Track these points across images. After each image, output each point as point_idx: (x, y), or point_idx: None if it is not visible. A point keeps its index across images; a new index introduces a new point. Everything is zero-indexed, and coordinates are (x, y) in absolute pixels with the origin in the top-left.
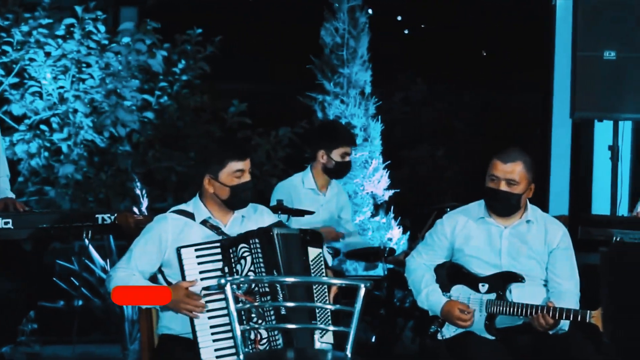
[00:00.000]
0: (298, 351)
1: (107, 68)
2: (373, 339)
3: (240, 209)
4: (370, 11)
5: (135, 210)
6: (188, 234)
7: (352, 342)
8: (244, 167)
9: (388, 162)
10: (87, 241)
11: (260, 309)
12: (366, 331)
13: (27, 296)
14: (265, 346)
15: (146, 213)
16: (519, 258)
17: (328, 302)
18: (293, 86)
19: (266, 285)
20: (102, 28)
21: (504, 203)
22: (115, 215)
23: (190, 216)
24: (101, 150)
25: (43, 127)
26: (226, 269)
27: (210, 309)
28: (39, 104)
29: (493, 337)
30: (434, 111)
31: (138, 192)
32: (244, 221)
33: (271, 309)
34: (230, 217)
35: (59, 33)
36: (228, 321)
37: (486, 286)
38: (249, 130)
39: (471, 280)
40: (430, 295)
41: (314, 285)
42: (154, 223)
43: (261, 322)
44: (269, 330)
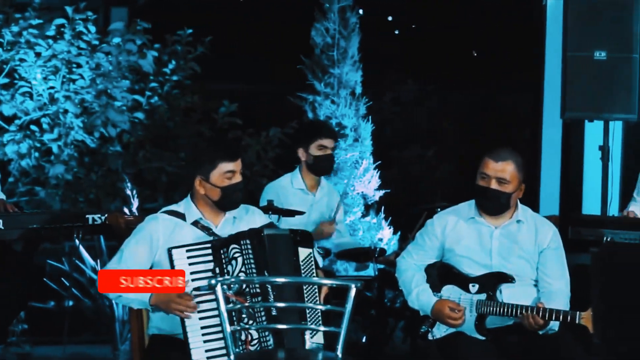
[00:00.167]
0: (289, 351)
1: (98, 68)
2: (364, 340)
3: (231, 210)
4: (360, 11)
5: (125, 210)
6: (179, 235)
7: (343, 343)
8: (235, 168)
9: (378, 163)
10: (78, 241)
11: (251, 310)
12: (357, 331)
13: (18, 297)
14: (256, 347)
15: (137, 213)
16: (510, 258)
17: (319, 303)
18: (283, 86)
19: (257, 285)
20: (93, 28)
21: (494, 201)
22: (105, 215)
23: (181, 217)
24: (91, 150)
25: (33, 128)
26: (217, 270)
27: (201, 310)
28: (29, 105)
29: (483, 338)
30: (425, 111)
31: (128, 193)
32: (236, 222)
33: (262, 310)
34: (221, 218)
35: (50, 33)
36: (219, 322)
37: (476, 286)
38: (240, 130)
39: (461, 280)
40: (420, 295)
41: (305, 285)
42: (145, 223)
43: (252, 323)
44: (260, 330)
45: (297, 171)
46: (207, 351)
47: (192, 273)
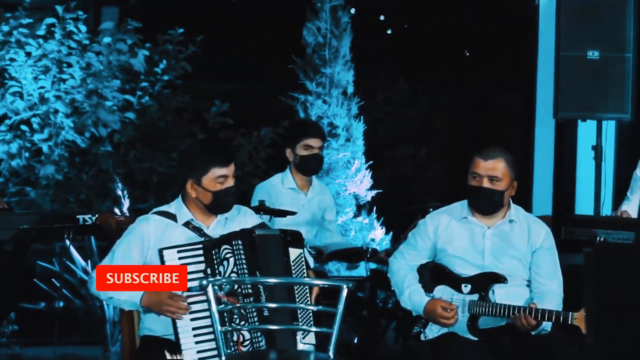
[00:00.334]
0: (280, 352)
1: (88, 68)
2: (356, 340)
3: (223, 213)
4: (352, 11)
5: (116, 210)
6: (170, 236)
7: (335, 343)
8: (228, 173)
9: (370, 162)
10: (68, 242)
11: (242, 310)
12: (349, 332)
13: (8, 297)
14: (247, 347)
15: (127, 214)
16: (502, 258)
17: (310, 303)
18: (275, 86)
19: (249, 286)
20: (83, 28)
21: (487, 200)
22: (96, 215)
23: (172, 218)
24: (82, 150)
25: (24, 128)
26: (209, 271)
27: (192, 311)
28: (20, 104)
29: (476, 338)
30: (417, 111)
31: (119, 193)
32: (227, 223)
33: (254, 310)
34: (213, 219)
35: (40, 33)
36: (210, 322)
37: (469, 287)
38: (231, 130)
39: (454, 280)
40: (413, 295)
41: (296, 286)
42: (137, 224)
43: (243, 324)
44: (252, 331)
45: (288, 171)
46: (199, 352)
47: None
